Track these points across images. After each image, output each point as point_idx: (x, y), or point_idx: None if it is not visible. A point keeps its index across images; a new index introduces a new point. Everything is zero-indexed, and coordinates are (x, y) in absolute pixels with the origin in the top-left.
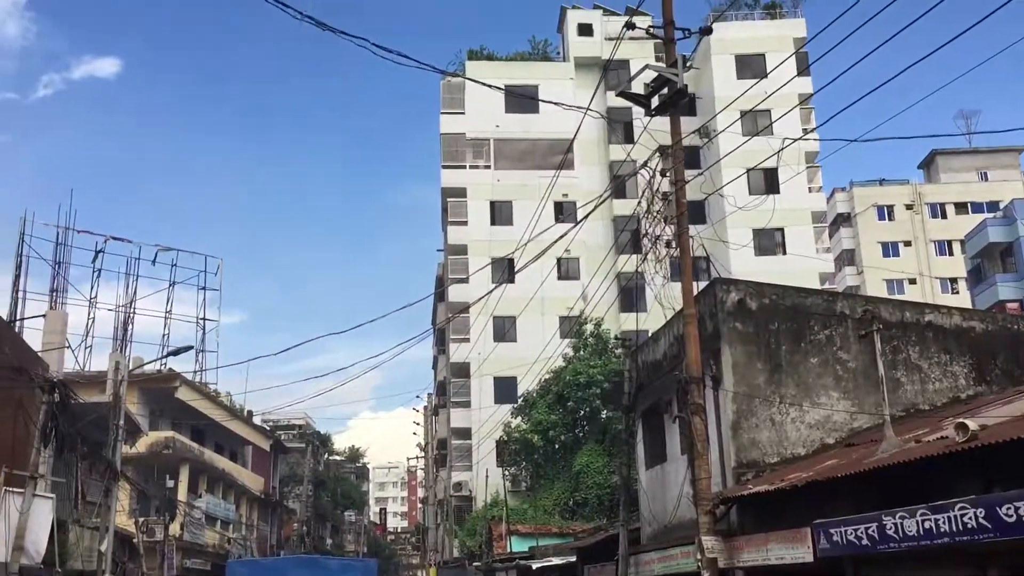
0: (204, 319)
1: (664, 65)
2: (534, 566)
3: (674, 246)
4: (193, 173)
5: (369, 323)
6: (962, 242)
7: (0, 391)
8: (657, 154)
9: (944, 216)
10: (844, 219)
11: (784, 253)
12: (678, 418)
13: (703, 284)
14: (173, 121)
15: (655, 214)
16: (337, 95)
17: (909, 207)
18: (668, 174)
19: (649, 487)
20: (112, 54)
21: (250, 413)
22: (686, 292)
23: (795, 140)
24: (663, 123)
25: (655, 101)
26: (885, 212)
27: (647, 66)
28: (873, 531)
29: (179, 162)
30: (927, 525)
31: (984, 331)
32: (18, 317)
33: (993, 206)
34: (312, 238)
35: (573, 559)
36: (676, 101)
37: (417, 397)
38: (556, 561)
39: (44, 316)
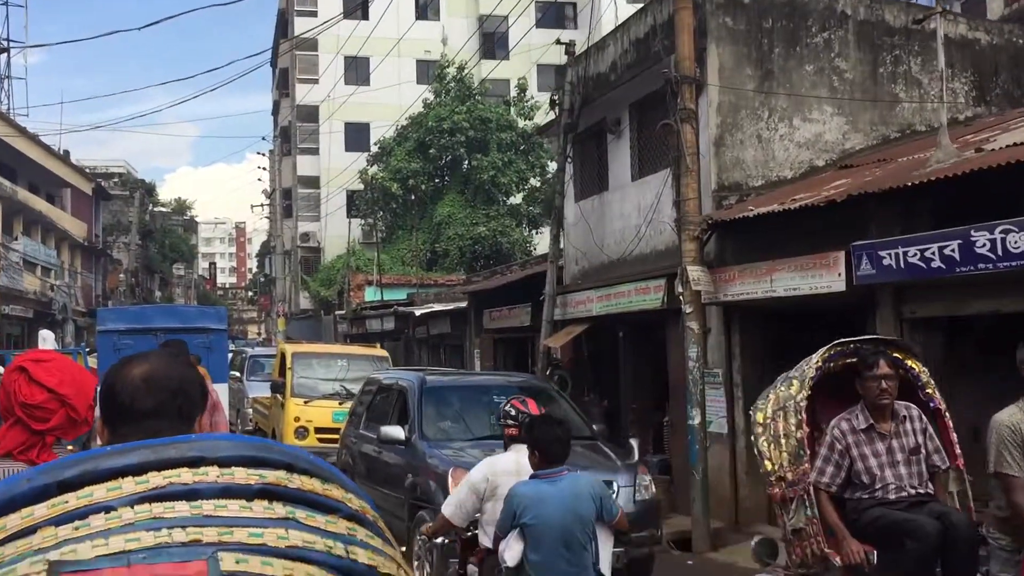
0: (8, 40)
1: None
2: (418, 312)
3: None
4: None
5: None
6: None
7: None
8: None
9: None
10: None
11: None
12: (664, 126)
13: None
14: None
15: None
16: None
17: None
18: None
19: (582, 220)
20: None
21: (67, 152)
22: None
23: None
24: None
25: None
26: None
27: None
28: (953, 250)
29: None
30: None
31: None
32: None
33: None
34: None
35: (464, 305)
36: None
37: (264, 139)
38: (440, 307)
39: None
